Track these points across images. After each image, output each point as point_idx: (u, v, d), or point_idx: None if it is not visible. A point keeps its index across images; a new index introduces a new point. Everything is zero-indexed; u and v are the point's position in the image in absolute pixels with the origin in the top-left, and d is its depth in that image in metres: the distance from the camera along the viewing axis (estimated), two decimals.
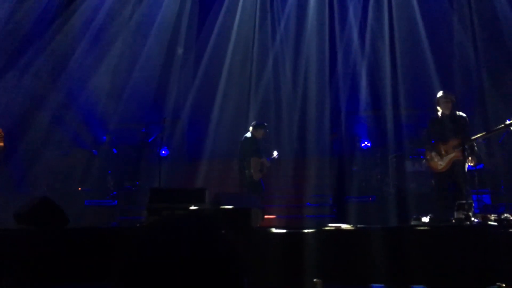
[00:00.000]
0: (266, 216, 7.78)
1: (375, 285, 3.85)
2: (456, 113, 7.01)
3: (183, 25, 11.20)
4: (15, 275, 4.41)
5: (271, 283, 3.91)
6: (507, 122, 6.69)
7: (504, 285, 3.53)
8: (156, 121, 10.52)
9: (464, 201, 6.16)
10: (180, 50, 11.46)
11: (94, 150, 11.24)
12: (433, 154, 6.97)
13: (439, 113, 7.08)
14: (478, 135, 6.87)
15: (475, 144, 6.85)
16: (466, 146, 6.66)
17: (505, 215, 6.01)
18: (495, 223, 5.56)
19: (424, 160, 7.24)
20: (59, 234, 4.99)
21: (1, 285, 4.18)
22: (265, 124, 8.55)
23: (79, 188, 10.43)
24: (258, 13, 11.15)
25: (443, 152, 6.89)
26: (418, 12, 10.18)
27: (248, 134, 8.31)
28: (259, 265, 3.98)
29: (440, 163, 6.91)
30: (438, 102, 7.07)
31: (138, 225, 5.60)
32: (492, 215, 6.14)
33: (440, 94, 7.11)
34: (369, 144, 11.03)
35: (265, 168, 8.31)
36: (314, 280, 3.77)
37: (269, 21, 11.29)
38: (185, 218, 1.13)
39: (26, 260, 4.58)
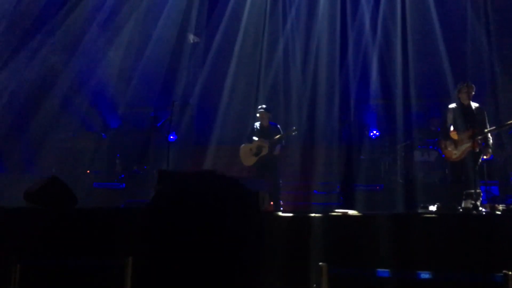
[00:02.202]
0: (272, 203, 7.79)
1: (380, 270, 3.85)
2: (474, 104, 6.96)
3: (194, 9, 11.14)
4: (24, 251, 4.47)
5: (278, 265, 3.94)
6: None
7: (510, 272, 3.52)
8: (165, 105, 10.52)
9: (472, 191, 6.15)
10: (193, 38, 11.44)
11: (103, 134, 11.30)
12: (448, 142, 6.95)
13: (458, 103, 7.04)
14: (492, 128, 6.83)
15: (489, 136, 6.81)
16: (480, 137, 6.63)
17: None
18: (502, 213, 5.55)
19: (442, 146, 7.17)
20: (68, 213, 5.04)
21: (11, 261, 4.23)
22: (261, 107, 8.60)
23: (88, 171, 10.50)
24: None
25: (458, 142, 6.86)
26: (431, 0, 10.05)
27: None
28: (265, 248, 3.99)
29: (454, 152, 6.88)
30: (459, 91, 7.02)
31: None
32: (500, 206, 6.14)
33: (461, 83, 7.06)
34: (377, 133, 10.99)
35: (263, 150, 8.18)
36: (320, 263, 3.78)
37: (280, 7, 11.20)
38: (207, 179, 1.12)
39: (35, 237, 4.64)
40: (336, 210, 5.75)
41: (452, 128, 7.01)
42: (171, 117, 8.40)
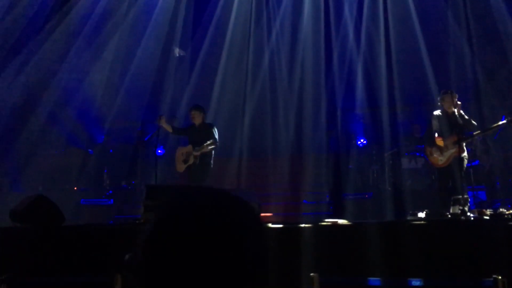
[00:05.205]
0: (262, 214, 7.75)
1: (372, 278, 3.85)
2: (458, 110, 7.04)
3: (179, 23, 11.18)
4: (11, 272, 4.39)
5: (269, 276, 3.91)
6: (503, 121, 6.76)
7: (500, 277, 3.54)
8: (152, 119, 10.49)
9: (460, 196, 6.20)
10: (179, 51, 11.46)
11: (89, 150, 11.21)
12: (434, 149, 7.03)
13: (442, 110, 7.13)
14: (475, 133, 6.93)
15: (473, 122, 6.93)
16: (465, 143, 6.75)
17: (500, 209, 6.05)
18: (490, 218, 5.59)
19: (428, 153, 7.25)
20: (55, 231, 4.97)
21: None
22: (191, 107, 8.18)
23: (75, 188, 10.39)
24: (253, 11, 11.14)
25: (443, 148, 6.94)
26: (413, 8, 10.20)
27: None
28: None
29: (440, 159, 6.96)
30: (443, 99, 7.10)
31: (137, 221, 5.57)
32: (488, 210, 6.18)
33: (445, 92, 7.14)
34: (365, 142, 11.06)
35: (191, 158, 7.57)
36: (311, 274, 3.77)
37: (264, 18, 11.29)
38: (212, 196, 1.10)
39: (22, 257, 4.57)
40: (326, 220, 5.75)
41: (437, 134, 7.08)
42: (158, 131, 8.35)
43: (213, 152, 7.81)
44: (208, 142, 7.51)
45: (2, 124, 9.94)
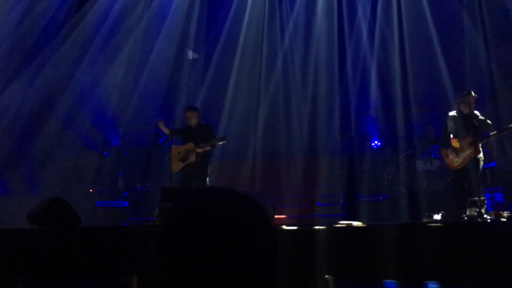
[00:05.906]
0: (276, 216, 7.74)
1: (387, 281, 3.82)
2: (473, 112, 6.97)
3: (192, 26, 11.25)
4: (28, 274, 4.45)
5: (283, 279, 3.90)
6: None
7: None
8: (166, 122, 10.56)
9: (476, 198, 6.12)
10: (192, 54, 11.53)
11: (105, 152, 11.32)
12: (449, 151, 6.97)
13: (457, 111, 7.05)
14: (491, 134, 6.86)
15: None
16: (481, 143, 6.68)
17: None
18: (507, 220, 5.52)
19: (443, 155, 7.19)
20: (71, 233, 5.02)
21: (16, 284, 4.21)
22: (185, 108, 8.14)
23: (90, 190, 10.50)
24: (266, 13, 11.17)
25: (459, 149, 6.87)
26: (428, 9, 10.13)
27: None
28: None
29: (456, 160, 6.90)
30: (462, 100, 7.00)
31: (151, 224, 5.61)
32: (505, 212, 6.09)
33: (464, 93, 7.06)
34: (379, 144, 10.99)
35: (191, 156, 7.36)
36: (326, 276, 3.75)
37: (278, 21, 11.30)
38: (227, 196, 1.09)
39: (38, 259, 4.62)
40: (341, 222, 5.72)
41: (452, 135, 7.01)
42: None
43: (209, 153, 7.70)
44: (218, 138, 7.46)
45: (18, 127, 10.09)
